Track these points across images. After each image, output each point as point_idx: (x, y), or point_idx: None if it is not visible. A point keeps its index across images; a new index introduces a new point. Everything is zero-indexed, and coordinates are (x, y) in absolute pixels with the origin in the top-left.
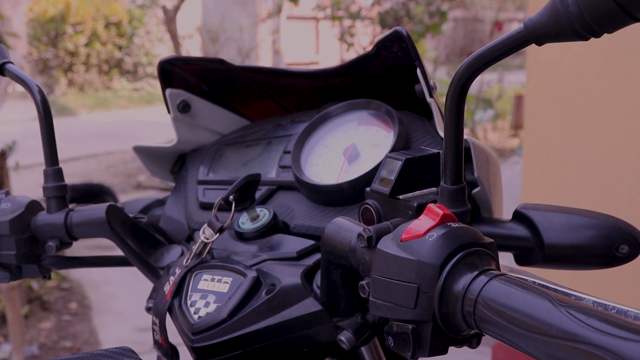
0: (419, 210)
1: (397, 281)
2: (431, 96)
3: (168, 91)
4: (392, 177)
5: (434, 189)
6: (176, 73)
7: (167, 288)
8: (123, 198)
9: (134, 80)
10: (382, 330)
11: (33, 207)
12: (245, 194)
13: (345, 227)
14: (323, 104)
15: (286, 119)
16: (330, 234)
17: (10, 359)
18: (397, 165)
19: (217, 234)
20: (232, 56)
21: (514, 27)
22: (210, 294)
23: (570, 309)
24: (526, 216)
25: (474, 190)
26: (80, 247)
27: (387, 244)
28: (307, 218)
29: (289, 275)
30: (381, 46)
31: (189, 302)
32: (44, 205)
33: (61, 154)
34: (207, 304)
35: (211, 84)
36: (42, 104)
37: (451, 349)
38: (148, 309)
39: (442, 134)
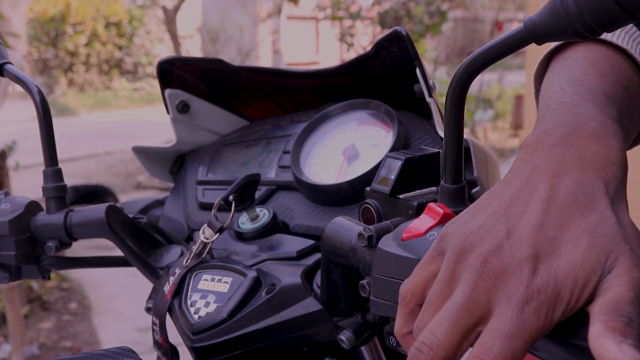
0: (419, 210)
1: (398, 280)
2: (430, 96)
3: (167, 91)
4: (392, 177)
5: (434, 188)
6: (175, 73)
7: (167, 288)
8: (123, 198)
9: (134, 80)
10: (382, 329)
11: (32, 207)
12: (245, 194)
13: (346, 226)
14: (322, 104)
15: (285, 119)
16: (330, 233)
17: (10, 359)
18: (397, 164)
19: (217, 234)
20: (232, 56)
21: (514, 27)
22: (210, 294)
23: None
24: None
25: (474, 190)
26: (80, 247)
27: (387, 243)
28: (307, 218)
29: (289, 275)
30: (380, 46)
31: (189, 302)
32: (43, 205)
33: (61, 154)
34: (207, 304)
35: (210, 84)
36: (41, 104)
37: None
38: (148, 309)
39: (441, 133)
